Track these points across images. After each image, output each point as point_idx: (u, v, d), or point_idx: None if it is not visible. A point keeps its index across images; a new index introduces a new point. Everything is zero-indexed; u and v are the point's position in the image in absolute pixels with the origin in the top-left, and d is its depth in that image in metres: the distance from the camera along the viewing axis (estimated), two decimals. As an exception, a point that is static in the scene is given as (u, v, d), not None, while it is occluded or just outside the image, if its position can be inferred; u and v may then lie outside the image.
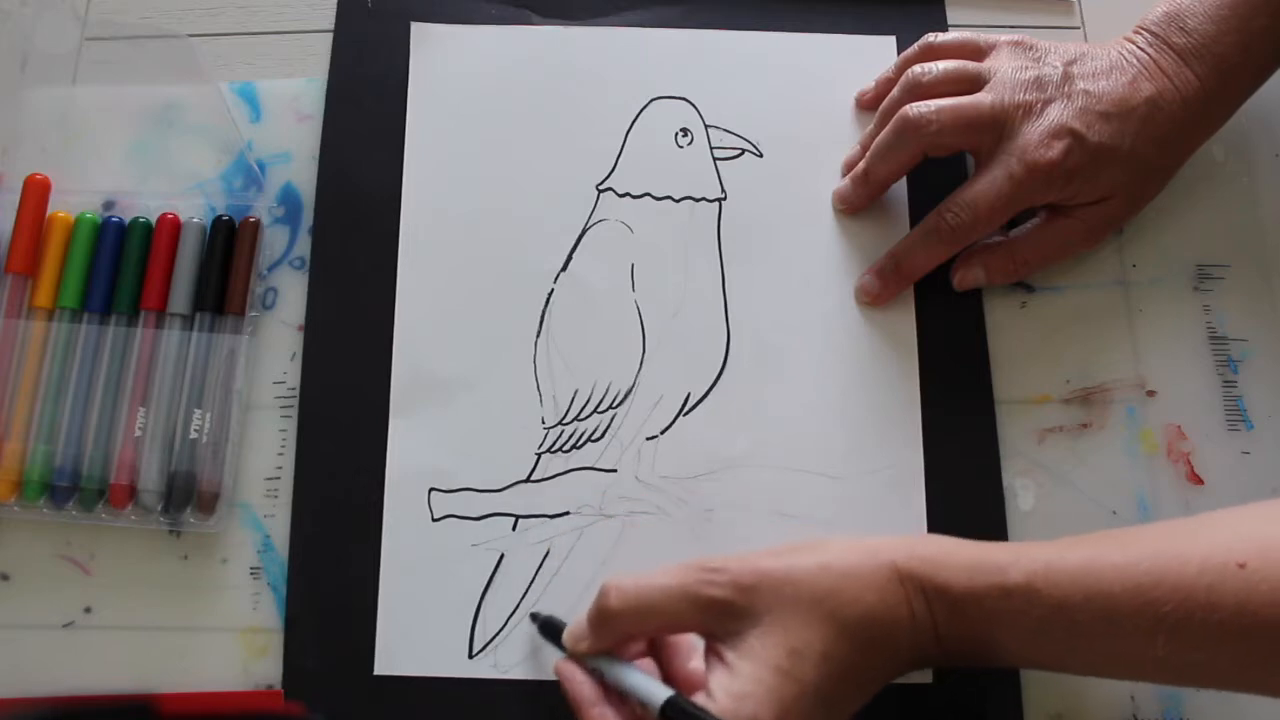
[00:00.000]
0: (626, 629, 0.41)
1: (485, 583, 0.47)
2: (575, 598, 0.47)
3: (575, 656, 0.42)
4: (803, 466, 0.49)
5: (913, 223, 0.52)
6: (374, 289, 0.51)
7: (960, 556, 0.40)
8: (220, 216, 0.51)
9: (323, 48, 0.55)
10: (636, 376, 0.50)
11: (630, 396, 0.50)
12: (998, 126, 0.48)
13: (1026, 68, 0.49)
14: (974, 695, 0.46)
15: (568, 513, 0.48)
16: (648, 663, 0.42)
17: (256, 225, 0.51)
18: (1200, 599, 0.36)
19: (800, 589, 0.39)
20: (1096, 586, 0.38)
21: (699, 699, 0.38)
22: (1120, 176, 0.48)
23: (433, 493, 0.48)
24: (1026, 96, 0.48)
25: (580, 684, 0.41)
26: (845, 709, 0.40)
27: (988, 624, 0.39)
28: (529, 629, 0.46)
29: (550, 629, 0.44)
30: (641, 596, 0.40)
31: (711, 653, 0.40)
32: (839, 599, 0.39)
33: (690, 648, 0.42)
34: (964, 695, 0.46)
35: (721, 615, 0.39)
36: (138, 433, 0.48)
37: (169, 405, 0.49)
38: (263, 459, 0.49)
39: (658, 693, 0.38)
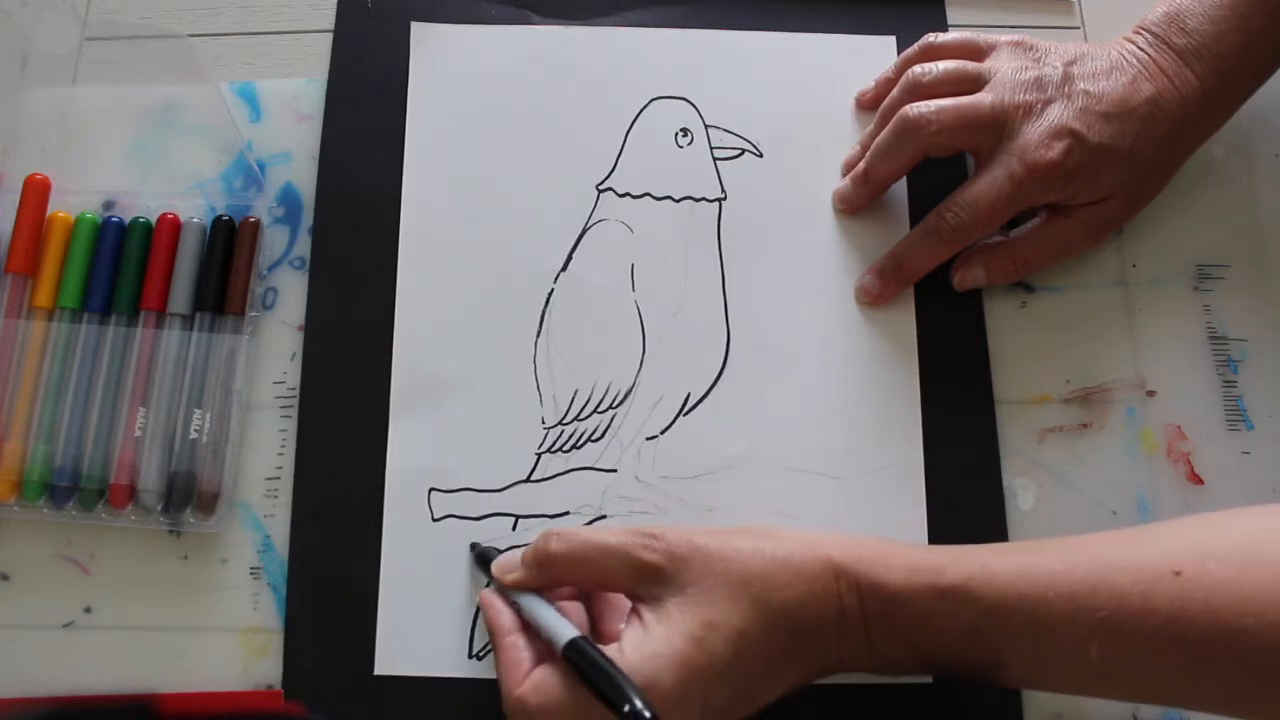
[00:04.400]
0: (559, 574, 0.42)
1: (485, 583, 0.47)
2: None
3: (500, 588, 0.43)
4: (803, 466, 0.49)
5: (913, 223, 0.52)
6: (374, 289, 0.51)
7: (900, 557, 0.40)
8: (220, 216, 0.51)
9: (323, 48, 0.55)
10: (636, 376, 0.50)
11: (630, 396, 0.50)
12: (998, 127, 0.48)
13: (1026, 68, 0.49)
14: (974, 696, 0.46)
15: (568, 513, 0.48)
16: (577, 608, 0.43)
17: (256, 225, 0.51)
18: (1134, 606, 0.36)
19: (730, 567, 0.39)
20: (1031, 591, 0.38)
21: (609, 651, 0.38)
22: (1120, 176, 0.48)
23: (433, 493, 0.48)
24: (1026, 97, 0.48)
25: (499, 613, 0.42)
26: (754, 694, 0.40)
27: (920, 625, 0.39)
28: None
29: (485, 560, 0.45)
30: (581, 547, 0.41)
31: (634, 613, 0.40)
32: (767, 583, 0.39)
33: (625, 610, 0.42)
34: (964, 695, 0.46)
35: (649, 579, 0.40)
36: (138, 433, 0.48)
37: (169, 405, 0.49)
38: (263, 459, 0.49)
39: (564, 633, 0.39)
